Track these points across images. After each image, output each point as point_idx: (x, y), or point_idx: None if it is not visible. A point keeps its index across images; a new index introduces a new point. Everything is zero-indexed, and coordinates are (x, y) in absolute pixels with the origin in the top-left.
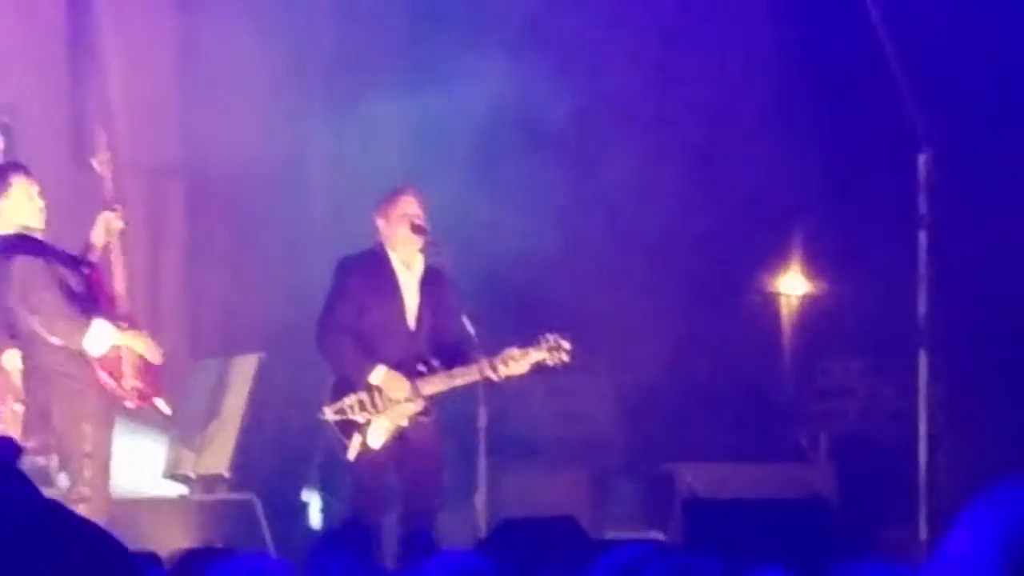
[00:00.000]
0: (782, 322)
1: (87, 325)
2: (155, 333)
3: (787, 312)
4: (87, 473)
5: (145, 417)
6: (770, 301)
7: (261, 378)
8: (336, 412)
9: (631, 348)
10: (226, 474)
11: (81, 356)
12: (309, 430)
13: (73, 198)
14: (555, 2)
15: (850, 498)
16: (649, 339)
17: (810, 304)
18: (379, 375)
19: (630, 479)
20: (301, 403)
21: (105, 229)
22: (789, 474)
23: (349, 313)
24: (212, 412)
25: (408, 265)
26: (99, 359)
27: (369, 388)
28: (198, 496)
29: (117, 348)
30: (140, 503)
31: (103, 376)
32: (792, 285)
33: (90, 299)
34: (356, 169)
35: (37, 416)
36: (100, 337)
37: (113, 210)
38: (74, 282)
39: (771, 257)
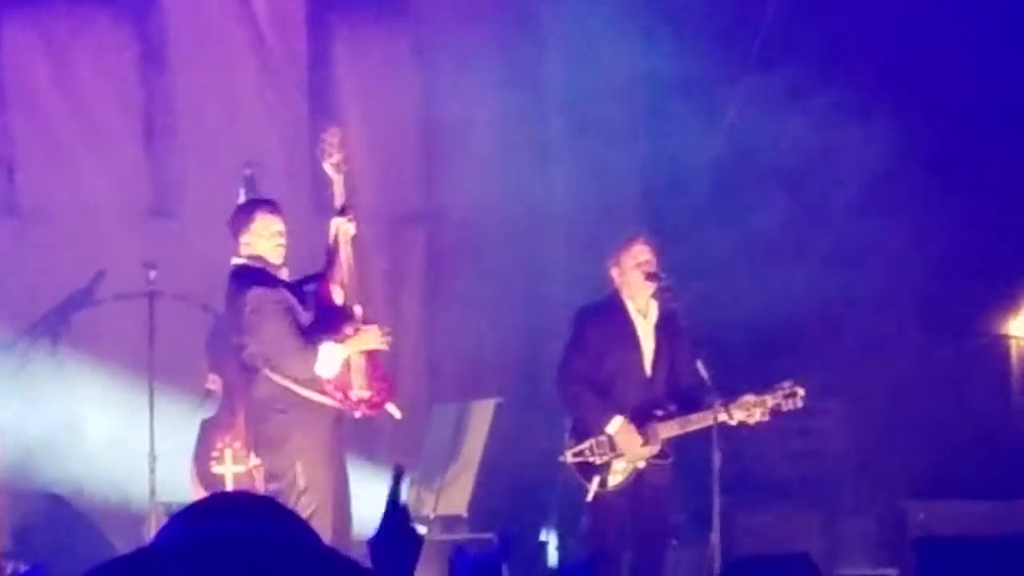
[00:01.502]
0: (1013, 362)
1: (315, 353)
2: (396, 377)
3: (1017, 352)
4: (305, 512)
5: (386, 459)
6: (1001, 342)
7: (499, 421)
8: (575, 454)
9: (862, 386)
10: (465, 514)
11: (293, 392)
12: (546, 471)
13: (313, 250)
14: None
15: None
16: (882, 379)
17: None
18: (615, 425)
19: (863, 516)
20: (538, 445)
21: (338, 233)
22: (1022, 511)
23: (587, 362)
24: (451, 454)
25: (643, 312)
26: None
27: (607, 433)
28: (438, 536)
29: (346, 360)
30: None
31: (330, 395)
32: (1022, 327)
33: (318, 318)
34: (595, 213)
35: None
36: (329, 360)
37: (344, 214)
38: (303, 314)
39: (1002, 299)
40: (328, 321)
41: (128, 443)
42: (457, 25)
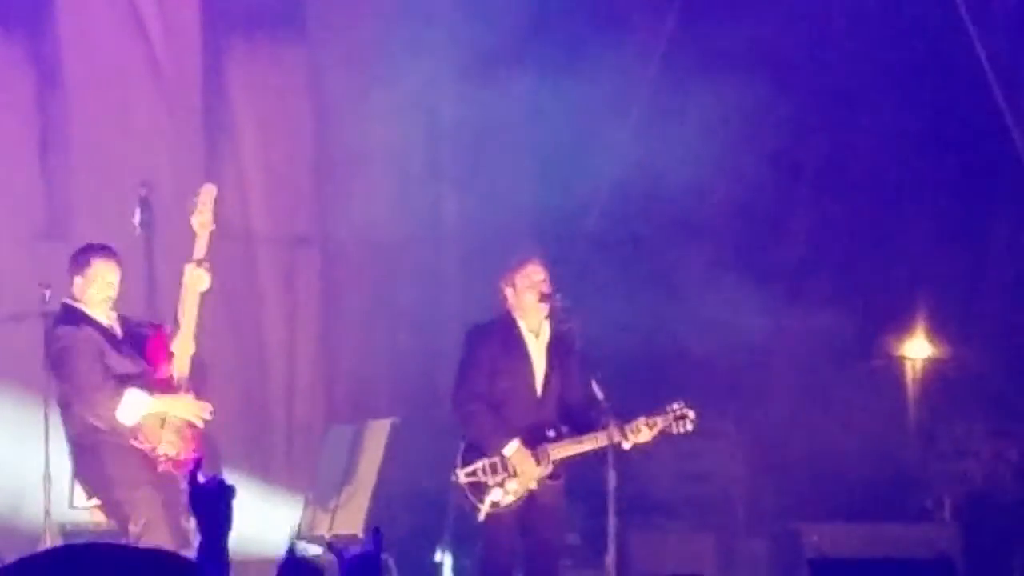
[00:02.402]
0: (907, 385)
1: (118, 397)
2: (291, 399)
3: (911, 375)
4: (136, 536)
5: (281, 480)
6: (895, 364)
7: (394, 441)
8: (468, 475)
9: (756, 409)
10: (361, 535)
11: (100, 429)
12: (441, 492)
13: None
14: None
15: (975, 558)
16: (774, 401)
17: (934, 368)
18: (511, 448)
19: (757, 538)
20: (433, 466)
21: (189, 282)
22: (914, 534)
23: (481, 381)
24: (347, 475)
25: (535, 332)
26: (136, 425)
27: (500, 453)
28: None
29: (158, 414)
30: (274, 564)
31: (137, 441)
32: (917, 349)
33: (137, 367)
34: (488, 235)
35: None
36: (132, 408)
37: (201, 264)
38: (117, 358)
39: (896, 321)
40: (158, 368)
41: (22, 464)
42: (352, 51)
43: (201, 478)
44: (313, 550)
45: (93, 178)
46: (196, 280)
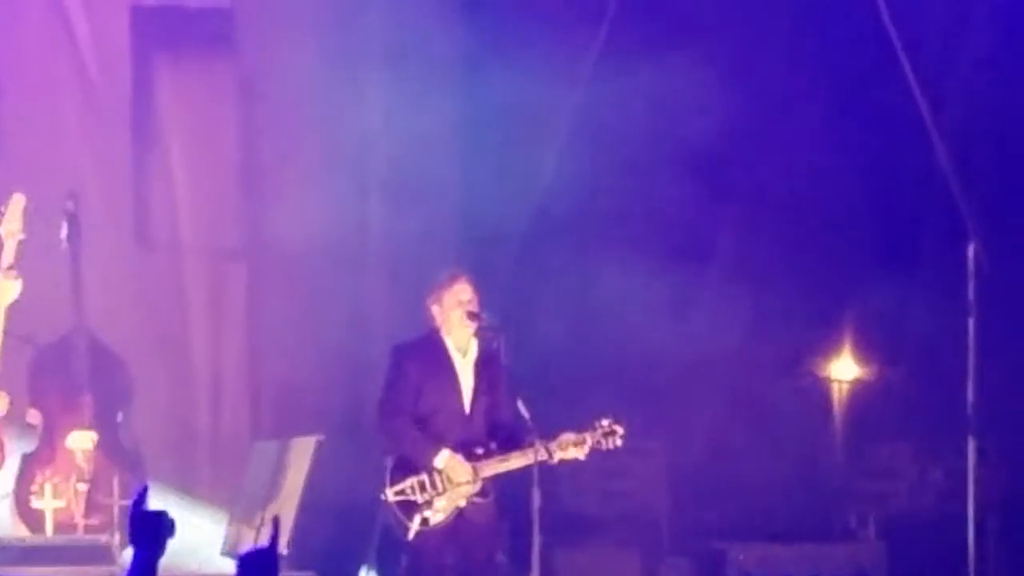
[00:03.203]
0: (833, 405)
1: None
2: (217, 413)
3: (838, 395)
4: None
5: (205, 493)
6: (821, 384)
7: (320, 458)
8: (397, 493)
9: (682, 428)
10: (285, 552)
11: None
12: (367, 509)
13: (136, 284)
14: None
15: None
16: (701, 420)
17: (861, 388)
18: (443, 458)
19: (681, 557)
20: (359, 482)
21: None
22: (839, 554)
23: (407, 398)
24: (272, 492)
25: (463, 350)
26: None
27: (430, 470)
28: None
29: None
30: None
31: None
32: (843, 370)
33: None
34: (415, 251)
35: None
36: None
37: (8, 274)
38: None
39: (823, 342)
40: None
41: None
42: (280, 64)
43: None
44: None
45: (19, 189)
46: (5, 290)
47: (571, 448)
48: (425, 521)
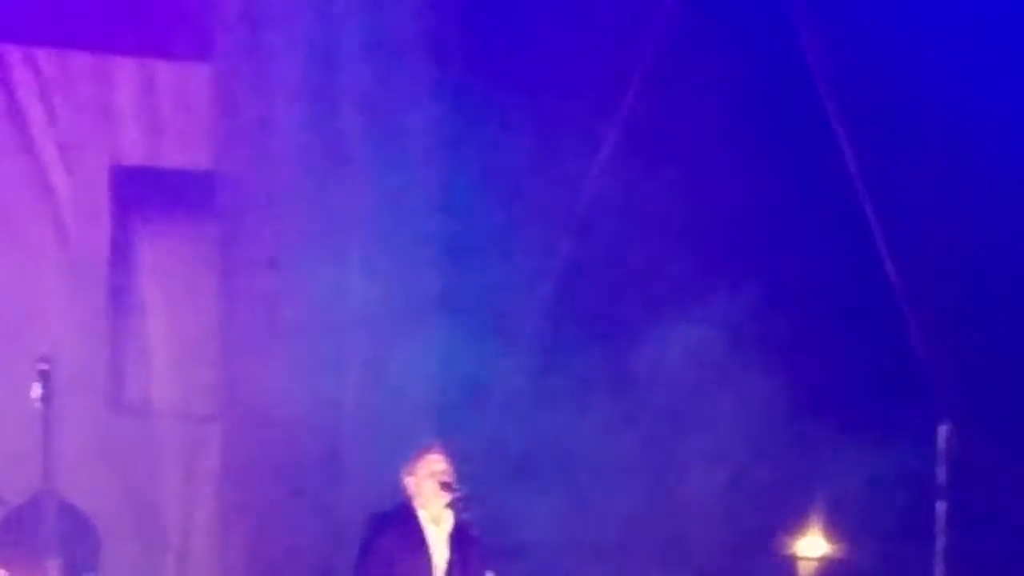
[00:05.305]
0: None
1: None
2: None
3: (805, 573)
4: None
5: None
6: (788, 563)
7: None
8: None
9: None
10: None
11: None
12: None
13: (108, 446)
14: None
15: None
16: None
17: (828, 567)
18: None
19: None
20: None
21: None
22: None
23: (379, 569)
24: None
25: (436, 521)
26: None
27: None
28: None
29: None
30: None
31: None
32: (811, 548)
33: None
34: (388, 420)
35: None
36: None
37: None
38: None
39: (790, 520)
40: None
41: None
42: (259, 233)
43: None
44: None
45: None
46: None
47: None
48: None
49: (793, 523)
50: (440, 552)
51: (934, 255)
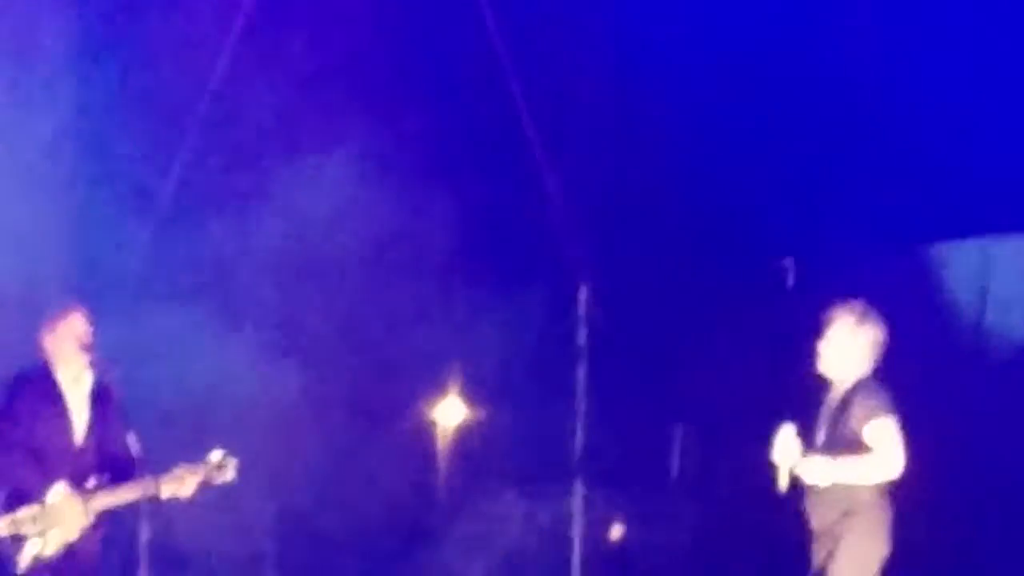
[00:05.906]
0: (438, 448)
1: None
2: None
3: (443, 439)
4: None
5: None
6: (426, 428)
7: None
8: (8, 525)
9: (291, 466)
10: None
11: None
12: None
13: None
14: None
15: None
16: (308, 461)
17: (467, 431)
18: (55, 492)
19: None
20: None
21: None
22: None
23: (19, 431)
24: None
25: (76, 381)
26: None
27: (42, 503)
28: None
29: None
30: None
31: None
32: (449, 413)
33: None
34: (25, 283)
35: None
36: None
37: None
38: None
39: (427, 385)
40: None
41: None
42: None
43: None
44: None
45: None
46: None
47: (181, 483)
48: (35, 554)
49: (432, 391)
50: (81, 413)
51: (572, 117)
